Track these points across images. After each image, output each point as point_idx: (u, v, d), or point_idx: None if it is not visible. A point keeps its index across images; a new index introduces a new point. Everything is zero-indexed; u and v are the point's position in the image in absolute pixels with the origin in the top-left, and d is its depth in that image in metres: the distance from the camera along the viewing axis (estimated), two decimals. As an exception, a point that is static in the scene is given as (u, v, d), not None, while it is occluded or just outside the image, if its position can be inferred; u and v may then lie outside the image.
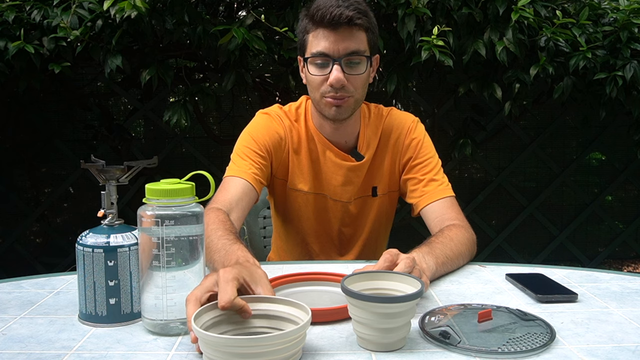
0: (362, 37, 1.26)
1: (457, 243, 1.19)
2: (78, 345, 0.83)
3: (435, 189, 1.35)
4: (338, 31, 1.23)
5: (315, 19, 1.25)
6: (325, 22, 1.23)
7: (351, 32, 1.24)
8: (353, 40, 1.24)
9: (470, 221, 1.34)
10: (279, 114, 1.40)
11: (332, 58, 1.24)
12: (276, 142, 1.37)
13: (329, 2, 1.24)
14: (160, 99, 2.85)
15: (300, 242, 1.48)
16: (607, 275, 1.16)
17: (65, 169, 3.13)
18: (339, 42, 1.23)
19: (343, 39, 1.24)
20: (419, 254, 1.06)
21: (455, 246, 1.17)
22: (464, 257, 1.20)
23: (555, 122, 3.09)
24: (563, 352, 0.80)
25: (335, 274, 1.07)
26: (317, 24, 1.25)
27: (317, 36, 1.25)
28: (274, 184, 1.43)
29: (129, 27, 2.14)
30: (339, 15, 1.21)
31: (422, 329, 0.85)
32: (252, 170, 1.30)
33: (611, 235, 3.37)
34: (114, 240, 0.89)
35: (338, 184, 1.40)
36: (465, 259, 1.22)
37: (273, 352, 0.71)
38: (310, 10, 1.27)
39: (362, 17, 1.24)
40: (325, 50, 1.24)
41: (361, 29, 1.25)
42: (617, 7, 2.42)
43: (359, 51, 1.25)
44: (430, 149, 1.42)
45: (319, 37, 1.25)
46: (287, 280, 1.05)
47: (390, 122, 1.42)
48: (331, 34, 1.24)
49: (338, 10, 1.22)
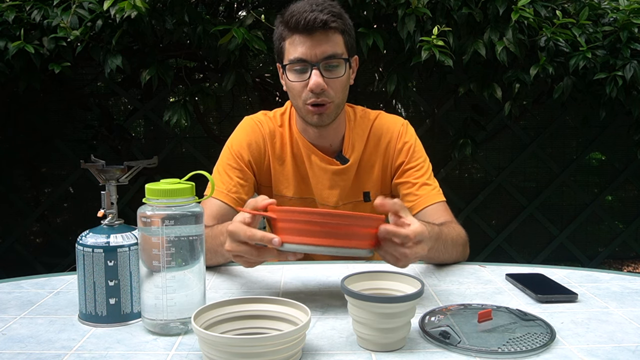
0: (339, 40, 1.26)
1: (457, 235, 1.22)
2: (78, 345, 0.83)
3: (429, 194, 1.35)
4: (314, 36, 1.23)
5: (290, 25, 1.25)
6: (300, 27, 1.23)
7: (327, 35, 1.24)
8: (329, 43, 1.24)
9: (470, 221, 1.35)
10: (260, 121, 1.41)
11: (310, 63, 1.24)
12: (256, 153, 1.38)
13: (302, 7, 1.24)
14: (160, 99, 2.85)
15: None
16: (607, 275, 1.16)
17: (65, 169, 3.13)
18: (315, 47, 1.23)
19: (319, 43, 1.23)
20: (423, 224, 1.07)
21: (455, 234, 1.21)
22: (458, 249, 1.22)
23: (555, 122, 3.09)
24: (563, 352, 0.80)
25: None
26: (293, 30, 1.25)
27: (294, 42, 1.25)
28: (261, 192, 1.44)
29: (129, 27, 2.14)
30: (313, 20, 1.21)
31: (422, 329, 0.85)
32: (230, 189, 1.33)
33: (611, 235, 3.36)
34: (114, 240, 0.89)
35: (324, 187, 1.40)
36: (460, 253, 1.24)
37: (273, 352, 0.71)
38: (284, 16, 1.27)
39: (336, 20, 1.24)
40: (302, 56, 1.24)
41: (337, 31, 1.25)
42: (617, 7, 2.42)
43: (336, 54, 1.25)
44: (421, 153, 1.42)
45: (295, 43, 1.25)
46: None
47: (380, 126, 1.42)
48: (307, 39, 1.23)
49: (312, 14, 1.22)
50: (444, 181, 1.40)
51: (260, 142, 1.39)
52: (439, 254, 1.16)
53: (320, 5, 1.24)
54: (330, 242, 0.87)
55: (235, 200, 1.32)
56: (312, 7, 1.23)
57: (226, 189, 1.32)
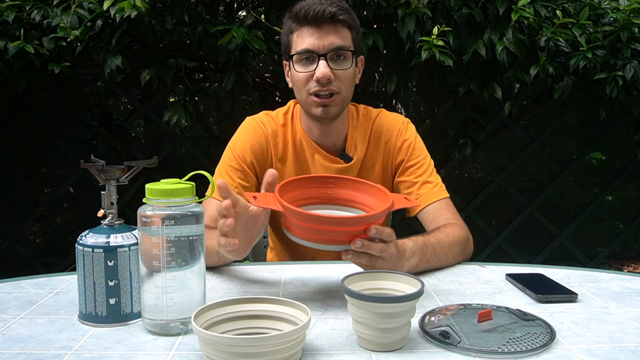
0: (346, 34, 1.28)
1: (452, 238, 1.20)
2: (78, 345, 0.83)
3: (430, 192, 1.35)
4: (322, 27, 1.25)
5: (299, 17, 1.27)
6: (309, 19, 1.25)
7: (335, 28, 1.26)
8: (337, 35, 1.26)
9: (470, 221, 1.35)
10: (263, 122, 1.41)
11: (318, 54, 1.26)
12: (258, 154, 1.38)
13: (311, 1, 1.26)
14: (160, 99, 2.85)
15: (295, 244, 1.48)
16: (607, 275, 1.16)
17: (65, 169, 3.13)
18: (323, 38, 1.25)
19: (327, 34, 1.26)
20: (408, 239, 1.10)
21: (448, 239, 1.19)
22: (455, 251, 1.21)
23: (555, 122, 3.09)
24: (563, 352, 0.80)
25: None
26: (301, 22, 1.27)
27: (302, 34, 1.27)
28: None
29: (129, 27, 2.14)
30: (322, 12, 1.24)
31: (422, 329, 0.85)
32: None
33: (611, 235, 3.37)
34: (114, 240, 0.89)
35: None
36: (458, 255, 1.22)
37: (273, 352, 0.71)
38: (293, 10, 1.29)
39: (345, 14, 1.27)
40: (310, 47, 1.26)
41: (344, 25, 1.28)
42: (617, 7, 2.42)
43: (343, 46, 1.27)
44: (422, 150, 1.41)
45: (303, 34, 1.27)
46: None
47: (380, 124, 1.42)
48: (315, 30, 1.26)
49: (321, 7, 1.24)
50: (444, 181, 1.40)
51: (263, 143, 1.38)
52: (430, 264, 1.15)
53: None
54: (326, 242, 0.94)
55: None
56: (321, 0, 1.26)
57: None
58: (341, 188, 1.08)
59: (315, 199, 1.07)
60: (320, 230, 0.93)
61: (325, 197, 1.08)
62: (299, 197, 1.05)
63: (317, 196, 1.07)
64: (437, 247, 1.16)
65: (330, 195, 1.08)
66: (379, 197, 1.04)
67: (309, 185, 1.07)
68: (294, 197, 1.03)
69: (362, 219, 0.94)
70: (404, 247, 1.07)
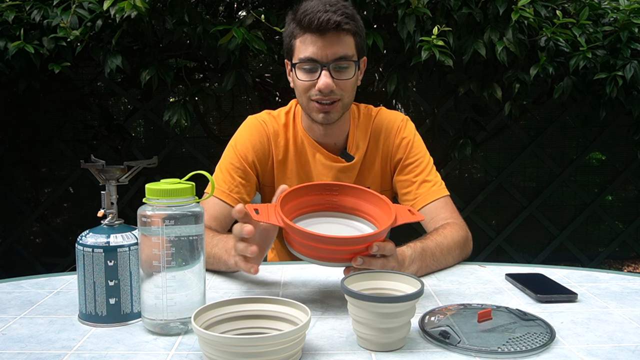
0: (350, 42, 1.26)
1: (450, 240, 1.20)
2: (78, 345, 0.83)
3: (429, 191, 1.34)
4: (326, 36, 1.23)
5: (302, 24, 1.24)
6: (313, 27, 1.22)
7: (339, 37, 1.24)
8: (341, 45, 1.24)
9: (470, 221, 1.35)
10: (265, 121, 1.40)
11: (321, 63, 1.24)
12: (260, 154, 1.37)
13: (315, 7, 1.23)
14: (160, 99, 2.85)
15: None
16: (607, 275, 1.16)
17: (65, 169, 3.13)
18: (327, 48, 1.23)
19: (331, 44, 1.23)
20: (407, 246, 1.10)
21: (446, 241, 1.19)
22: (454, 253, 1.21)
23: (555, 122, 3.09)
24: (563, 352, 0.80)
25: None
26: (305, 29, 1.24)
27: (305, 41, 1.25)
28: (264, 192, 1.44)
29: (129, 27, 2.14)
30: (327, 21, 1.21)
31: (422, 329, 0.85)
32: (232, 189, 1.33)
33: (611, 235, 3.37)
34: (114, 240, 0.89)
35: None
36: (457, 256, 1.23)
37: (273, 352, 0.71)
38: (297, 15, 1.26)
39: (349, 22, 1.24)
40: (313, 56, 1.24)
41: (349, 33, 1.25)
42: (617, 7, 2.42)
43: (347, 56, 1.25)
44: (421, 148, 1.41)
45: (306, 42, 1.24)
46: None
47: (380, 122, 1.42)
48: (319, 39, 1.23)
49: (326, 15, 1.21)
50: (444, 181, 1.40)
51: (264, 143, 1.38)
52: (430, 269, 1.16)
53: (334, 5, 1.23)
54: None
55: (236, 201, 1.32)
56: (325, 7, 1.22)
57: (228, 188, 1.32)
58: (346, 196, 1.06)
59: (319, 206, 1.06)
60: (321, 249, 0.93)
61: (329, 204, 1.07)
62: (304, 205, 1.04)
63: (321, 203, 1.06)
64: (436, 251, 1.16)
65: (334, 202, 1.07)
66: (383, 209, 1.03)
67: (314, 193, 1.05)
68: (298, 205, 1.03)
69: (364, 239, 0.93)
70: (403, 255, 1.07)
